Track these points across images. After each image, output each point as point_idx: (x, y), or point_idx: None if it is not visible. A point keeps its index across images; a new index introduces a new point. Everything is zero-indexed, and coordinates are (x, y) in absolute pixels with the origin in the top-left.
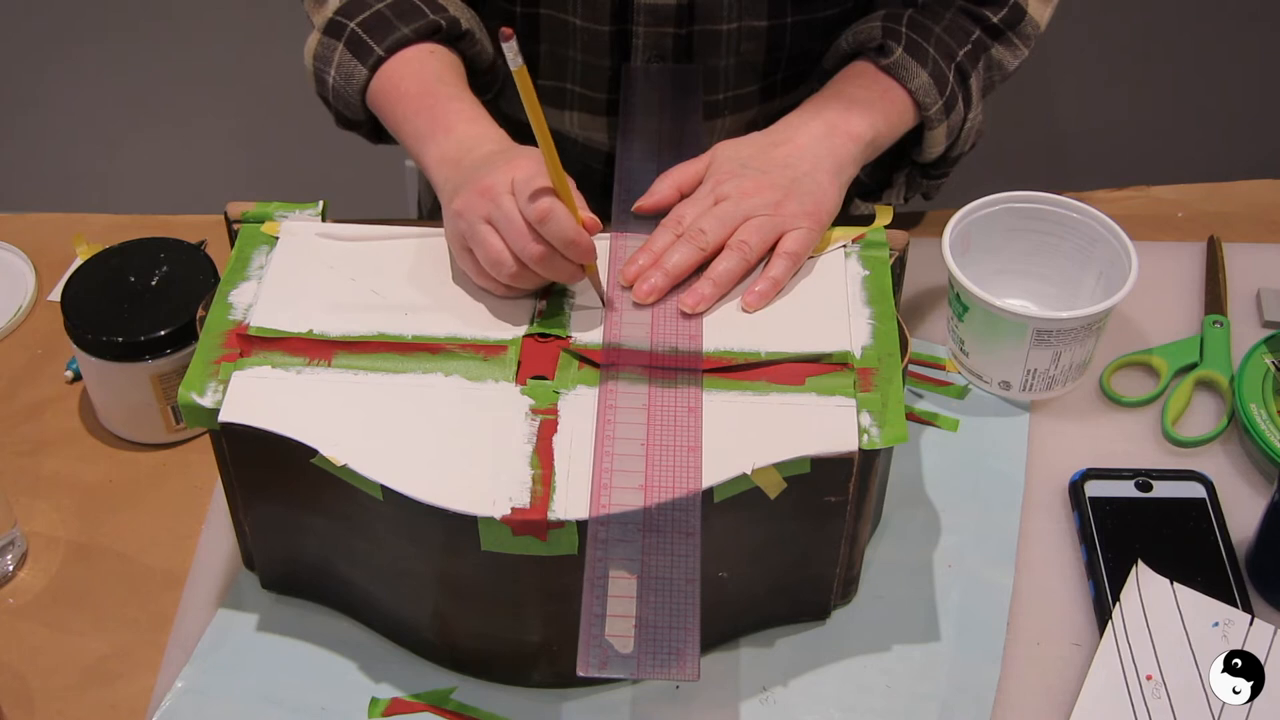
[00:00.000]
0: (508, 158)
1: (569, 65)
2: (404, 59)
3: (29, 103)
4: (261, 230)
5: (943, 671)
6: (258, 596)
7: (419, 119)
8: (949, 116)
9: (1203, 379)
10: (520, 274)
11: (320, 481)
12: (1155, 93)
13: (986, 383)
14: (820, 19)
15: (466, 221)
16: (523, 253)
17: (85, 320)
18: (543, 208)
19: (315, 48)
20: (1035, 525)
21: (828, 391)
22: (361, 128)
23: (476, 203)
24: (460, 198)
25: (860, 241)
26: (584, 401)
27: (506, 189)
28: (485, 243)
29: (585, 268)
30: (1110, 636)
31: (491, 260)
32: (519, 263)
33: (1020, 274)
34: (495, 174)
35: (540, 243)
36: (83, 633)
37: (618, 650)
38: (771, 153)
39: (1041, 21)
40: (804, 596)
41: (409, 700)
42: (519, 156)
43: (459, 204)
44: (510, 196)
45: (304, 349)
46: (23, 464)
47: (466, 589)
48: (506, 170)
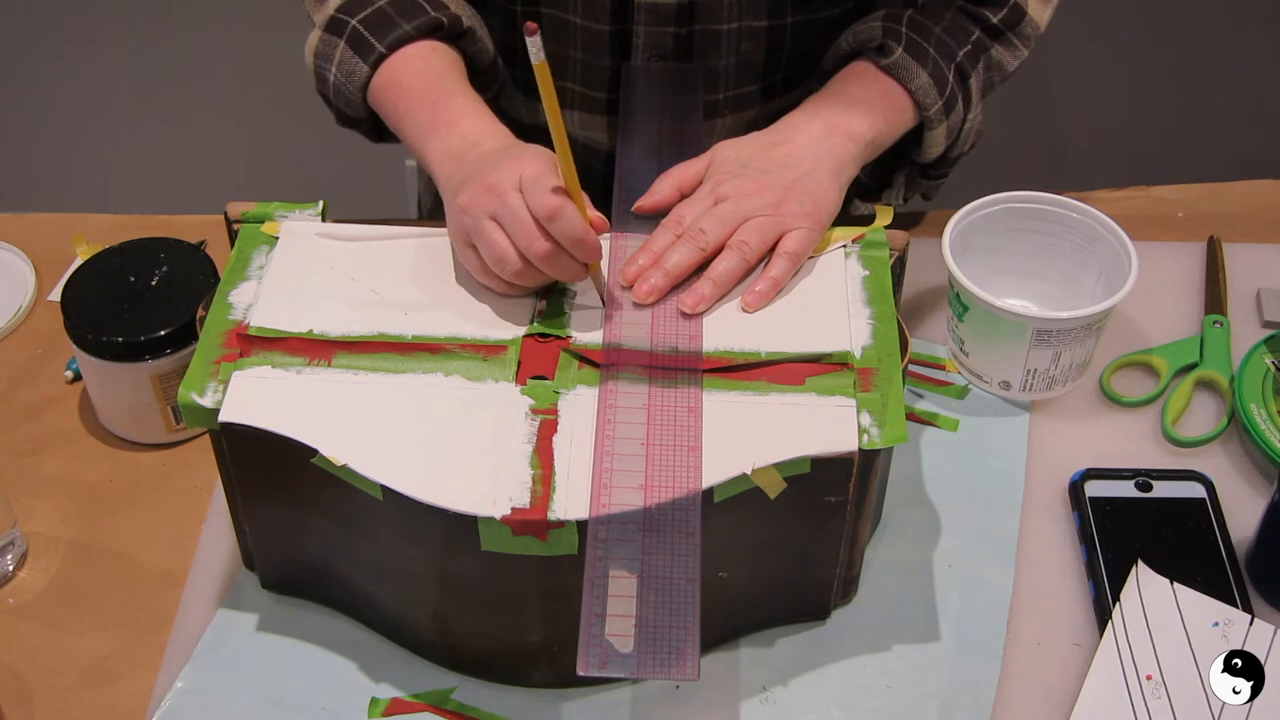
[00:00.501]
0: (514, 154)
1: (569, 64)
2: (405, 56)
3: (29, 103)
4: (261, 230)
5: (943, 671)
6: (258, 596)
7: (421, 114)
8: (949, 117)
9: (1203, 379)
10: (524, 272)
11: (320, 481)
12: (1155, 93)
13: (986, 383)
14: (820, 19)
15: (471, 217)
16: (529, 250)
17: (85, 320)
18: (552, 205)
19: (316, 45)
20: (1035, 525)
21: (828, 391)
22: (362, 125)
23: (482, 199)
24: (465, 193)
25: (860, 241)
26: (584, 401)
27: (513, 186)
28: (490, 239)
29: (589, 266)
30: (1110, 636)
31: (496, 257)
32: (524, 260)
33: (1020, 274)
34: (501, 170)
35: (547, 240)
36: (83, 633)
37: (618, 650)
38: (771, 153)
39: (1041, 22)
40: (804, 596)
41: (409, 700)
42: (525, 153)
43: (464, 200)
44: (517, 193)
45: (304, 349)
46: (23, 464)
47: (466, 589)
48: (513, 167)
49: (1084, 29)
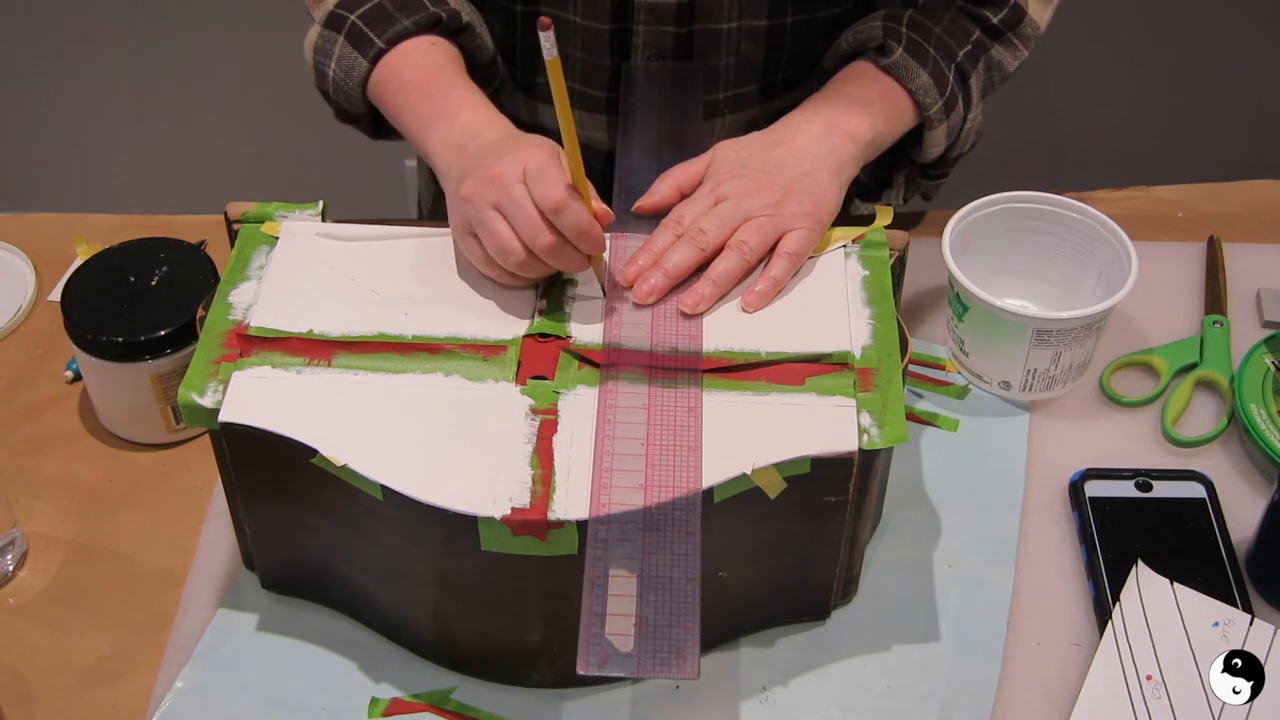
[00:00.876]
0: (516, 144)
1: (569, 63)
2: (405, 50)
3: (28, 102)
4: (261, 230)
5: (943, 671)
6: (258, 596)
7: (421, 106)
8: (949, 117)
9: (1203, 379)
10: (527, 263)
11: (320, 481)
12: (1155, 93)
13: (986, 383)
14: (820, 18)
15: (474, 208)
16: (533, 242)
17: (85, 320)
18: (558, 198)
19: (315, 41)
20: (1035, 525)
21: (828, 391)
22: (361, 121)
23: (485, 189)
24: (468, 183)
25: (860, 241)
26: (584, 401)
27: (517, 177)
28: (493, 230)
29: (592, 258)
30: (1110, 636)
31: (500, 248)
32: (527, 251)
33: (1020, 274)
34: (505, 161)
35: (552, 233)
36: (83, 633)
37: (618, 649)
38: (772, 153)
39: (1041, 22)
40: (804, 596)
41: (409, 700)
42: (528, 144)
43: (467, 190)
44: (521, 185)
45: (304, 349)
46: (23, 464)
47: (466, 589)
48: (517, 158)
49: (1084, 29)
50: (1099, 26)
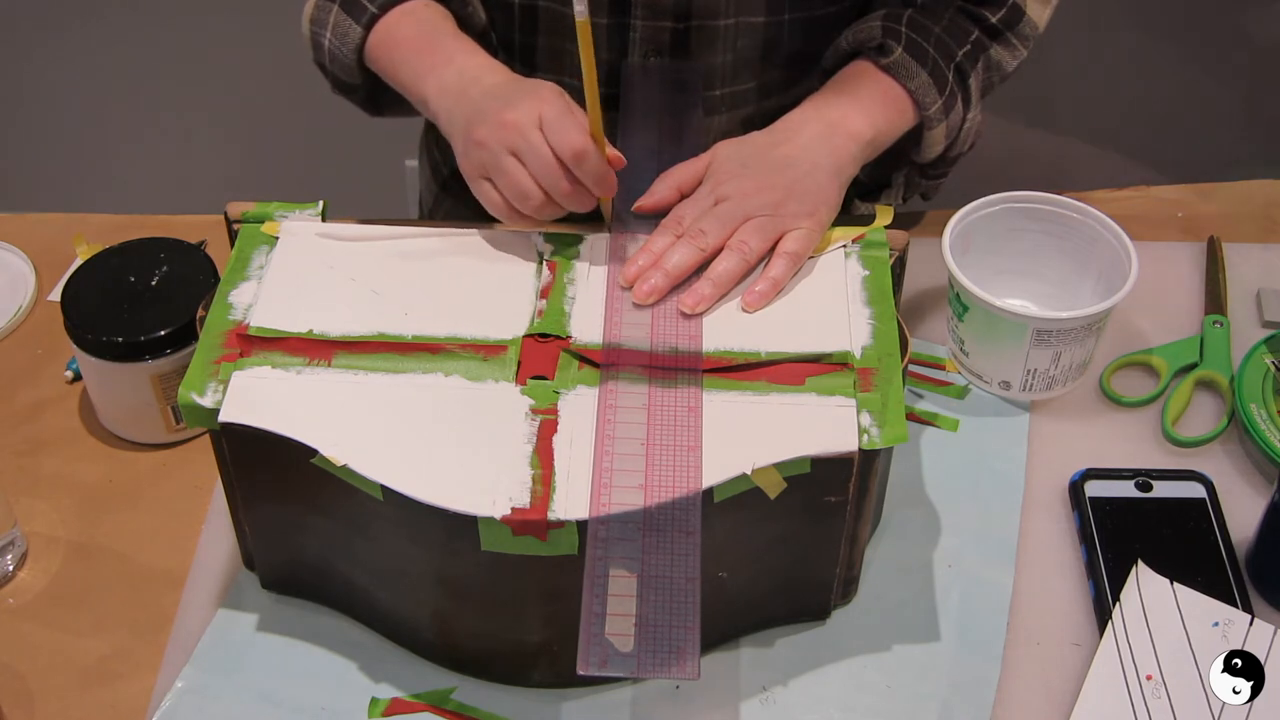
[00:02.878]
0: (527, 90)
1: (566, 58)
2: (399, 13)
3: (29, 102)
4: (261, 230)
5: (943, 671)
6: (258, 596)
7: (418, 59)
8: (948, 116)
9: (1203, 379)
10: (544, 206)
11: (320, 481)
12: (1155, 93)
13: (986, 383)
14: (818, 17)
15: (490, 152)
16: (554, 189)
17: (85, 320)
18: (579, 147)
19: (311, 12)
20: (1035, 525)
21: (828, 391)
22: (357, 93)
23: (500, 134)
24: (482, 128)
25: (860, 241)
26: (584, 401)
27: (533, 123)
28: (511, 175)
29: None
30: (1110, 636)
31: (519, 193)
32: (545, 195)
33: (1020, 274)
34: (520, 107)
35: (571, 180)
36: (83, 633)
37: (618, 649)
38: (772, 153)
39: (1040, 22)
40: (804, 596)
41: (409, 700)
42: (541, 89)
43: (481, 134)
44: (538, 132)
45: (304, 349)
46: (23, 464)
47: (466, 589)
48: (530, 104)
49: (1084, 29)
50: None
